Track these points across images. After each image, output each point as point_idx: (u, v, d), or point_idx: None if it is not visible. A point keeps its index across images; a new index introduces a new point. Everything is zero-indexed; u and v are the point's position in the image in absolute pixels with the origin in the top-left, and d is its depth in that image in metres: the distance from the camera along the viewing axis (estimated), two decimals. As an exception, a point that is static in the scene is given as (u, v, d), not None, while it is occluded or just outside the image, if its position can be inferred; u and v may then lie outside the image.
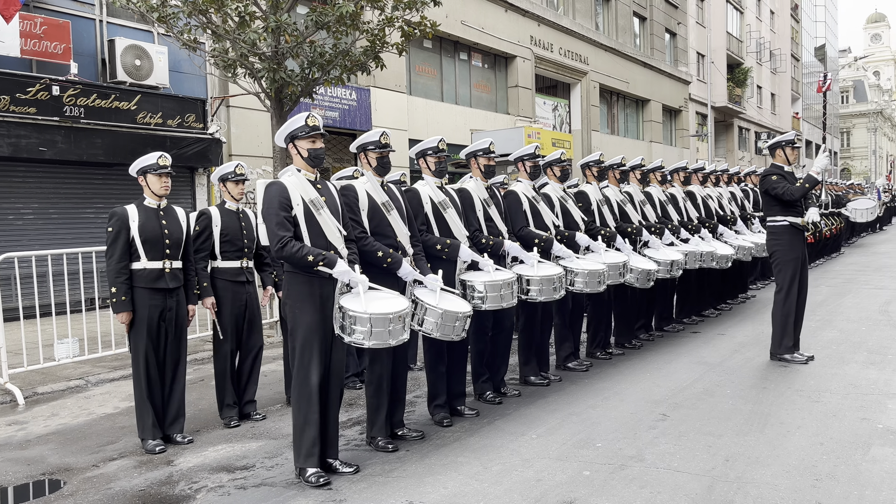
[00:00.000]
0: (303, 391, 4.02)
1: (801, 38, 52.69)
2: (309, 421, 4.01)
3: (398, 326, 4.02)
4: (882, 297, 10.07)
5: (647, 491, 3.74)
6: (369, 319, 3.90)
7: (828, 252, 15.76)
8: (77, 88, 10.47)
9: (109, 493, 4.04)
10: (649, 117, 29.56)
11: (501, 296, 4.91)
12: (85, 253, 7.34)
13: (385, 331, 3.96)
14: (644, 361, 6.65)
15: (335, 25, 9.13)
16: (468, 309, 4.53)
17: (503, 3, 20.08)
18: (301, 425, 4.03)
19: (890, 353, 6.62)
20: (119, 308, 4.63)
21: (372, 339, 3.95)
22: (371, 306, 3.94)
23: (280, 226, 3.96)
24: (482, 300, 4.87)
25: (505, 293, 4.94)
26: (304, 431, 4.01)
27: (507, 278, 4.97)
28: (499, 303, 4.92)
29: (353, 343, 4.00)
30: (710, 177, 9.42)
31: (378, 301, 4.04)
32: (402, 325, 4.06)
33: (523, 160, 6.01)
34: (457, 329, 4.43)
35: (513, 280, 5.02)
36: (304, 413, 4.02)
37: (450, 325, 4.38)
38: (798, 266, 6.39)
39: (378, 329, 3.93)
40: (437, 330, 4.37)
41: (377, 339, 3.96)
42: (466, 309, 4.51)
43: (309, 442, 4.00)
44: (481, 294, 4.86)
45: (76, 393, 6.44)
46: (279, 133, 4.24)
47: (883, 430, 4.54)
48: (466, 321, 4.49)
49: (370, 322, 3.91)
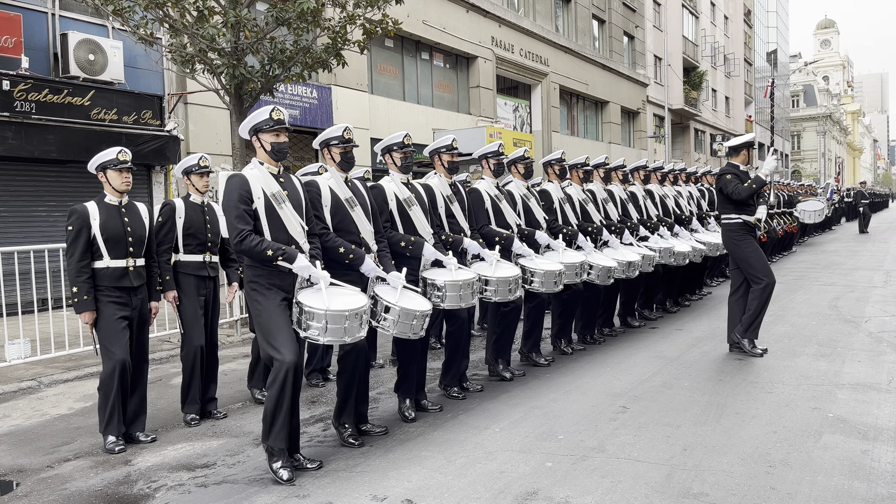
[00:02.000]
0: (278, 374, 3.88)
1: (754, 43, 54.06)
2: (281, 403, 3.88)
3: (355, 324, 3.97)
4: (831, 293, 10.40)
5: (608, 480, 3.80)
6: (325, 316, 3.86)
7: (780, 250, 16.21)
8: (28, 83, 10.18)
9: (65, 494, 3.94)
10: (608, 119, 29.99)
11: (461, 296, 4.93)
12: (37, 252, 7.14)
13: (341, 328, 3.92)
14: (604, 356, 6.75)
15: (296, 22, 9.05)
16: (427, 307, 4.49)
17: (464, 3, 20.16)
18: (272, 409, 3.90)
19: (839, 346, 6.84)
20: (81, 308, 4.52)
21: (327, 336, 3.90)
22: (328, 302, 3.90)
23: (239, 219, 3.91)
24: (441, 299, 4.88)
25: (465, 293, 4.95)
26: (276, 414, 3.90)
27: (468, 278, 4.99)
28: (457, 302, 4.93)
29: (308, 339, 3.94)
30: (668, 176, 9.64)
31: (337, 297, 4.00)
32: (360, 323, 4.01)
33: (487, 158, 6.05)
34: (415, 327, 4.39)
35: (473, 280, 5.04)
36: (276, 394, 3.88)
37: (407, 324, 4.34)
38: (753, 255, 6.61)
39: (334, 326, 3.89)
40: (395, 327, 4.33)
41: (332, 336, 3.91)
42: (425, 307, 4.48)
43: (280, 422, 3.91)
44: (440, 293, 4.87)
45: (28, 394, 6.26)
46: (243, 125, 4.19)
47: (833, 419, 4.69)
48: (425, 320, 4.46)
49: (326, 318, 3.87)
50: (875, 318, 8.22)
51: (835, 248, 18.67)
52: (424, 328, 4.49)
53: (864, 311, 8.77)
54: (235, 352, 7.70)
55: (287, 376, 3.87)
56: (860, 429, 4.48)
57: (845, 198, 31.69)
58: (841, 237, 23.17)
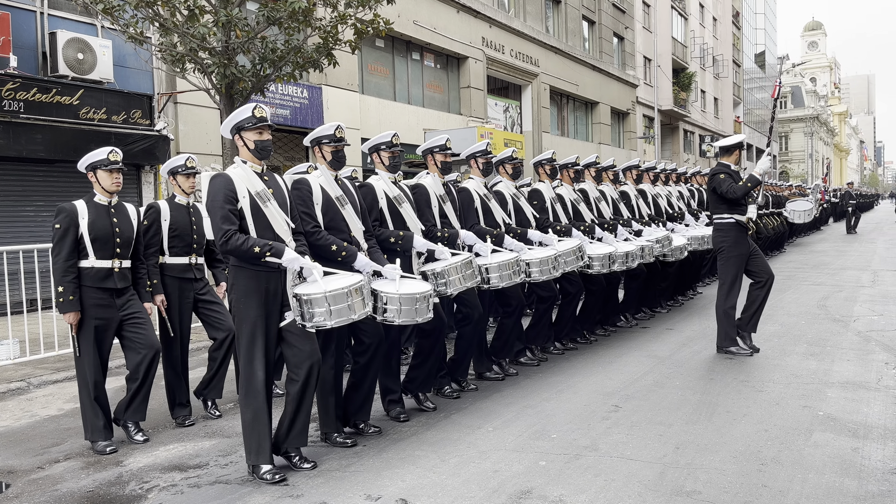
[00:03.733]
0: (249, 387, 3.96)
1: (742, 44, 54.39)
2: (258, 417, 3.94)
3: (357, 300, 3.92)
4: (820, 292, 10.48)
5: (601, 479, 3.81)
6: (325, 298, 3.82)
7: (770, 250, 16.31)
8: (17, 82, 10.10)
9: (56, 495, 3.92)
10: (598, 119, 30.08)
11: (464, 276, 4.92)
12: (26, 251, 7.09)
13: (345, 306, 3.86)
14: (596, 355, 6.78)
15: (287, 21, 9.03)
16: (427, 288, 4.43)
17: (455, 4, 20.17)
18: (250, 422, 3.96)
19: (828, 345, 6.90)
20: (66, 308, 4.46)
21: (333, 318, 3.85)
22: (325, 287, 3.86)
23: (224, 219, 3.87)
24: (446, 285, 4.87)
25: (466, 273, 4.95)
26: (254, 428, 3.95)
27: (465, 258, 4.99)
28: (462, 283, 4.92)
29: (316, 327, 3.89)
30: (660, 175, 9.69)
31: (333, 281, 3.96)
32: (362, 298, 3.96)
33: (476, 157, 6.06)
34: (420, 311, 4.33)
35: (470, 259, 5.04)
36: (252, 409, 3.96)
37: (411, 308, 4.29)
38: (742, 262, 6.62)
39: (337, 306, 3.84)
40: (399, 316, 4.28)
41: (338, 317, 3.86)
42: (425, 288, 4.42)
43: (258, 437, 3.94)
44: (444, 279, 4.86)
45: (18, 395, 6.21)
46: (225, 124, 4.15)
47: (824, 417, 4.73)
48: (428, 301, 4.39)
49: (327, 301, 3.82)
50: (863, 318, 8.29)
51: (823, 249, 18.82)
52: (430, 310, 4.42)
53: (853, 310, 8.85)
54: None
55: (258, 392, 3.95)
56: (850, 427, 4.52)
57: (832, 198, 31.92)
58: (829, 237, 23.35)
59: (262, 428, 3.96)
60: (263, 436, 3.96)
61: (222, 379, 5.33)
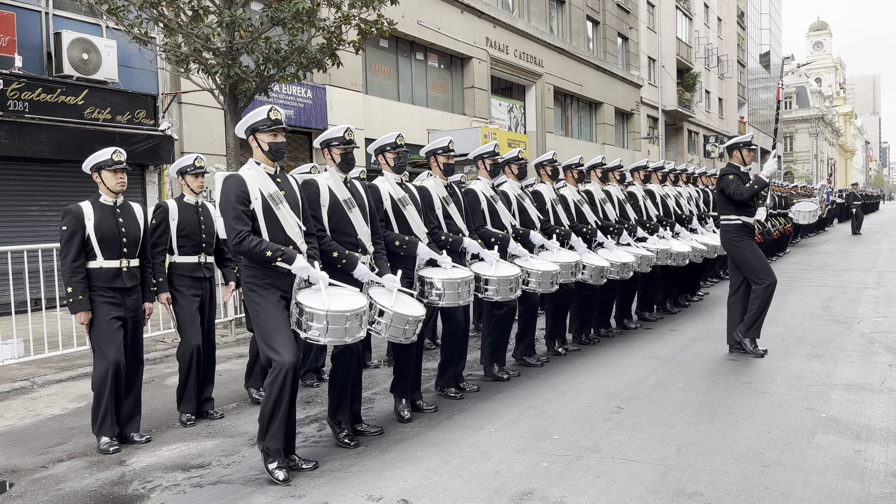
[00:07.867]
0: (277, 375, 3.87)
1: (747, 44, 54.27)
2: (280, 403, 3.87)
3: (355, 324, 3.98)
4: (824, 294, 10.45)
5: (603, 480, 3.81)
6: (325, 316, 3.86)
7: (775, 251, 16.27)
8: (21, 82, 10.13)
9: (59, 494, 3.93)
10: (602, 120, 30.05)
11: (458, 293, 4.94)
12: (30, 251, 7.11)
13: (342, 328, 3.92)
14: (598, 356, 6.77)
15: (291, 22, 9.05)
16: (420, 313, 4.45)
17: (459, 4, 20.17)
18: (270, 409, 3.89)
19: (832, 347, 6.88)
20: (76, 308, 4.50)
21: (328, 336, 3.91)
22: (329, 303, 3.90)
23: (237, 220, 3.90)
24: (439, 297, 4.89)
25: (462, 291, 4.97)
26: (274, 414, 3.89)
27: (465, 276, 5.00)
28: (455, 300, 4.95)
29: (308, 339, 3.93)
30: (668, 176, 9.65)
31: (336, 298, 4.00)
32: (360, 323, 4.02)
33: (483, 158, 6.06)
34: (407, 332, 4.36)
35: (470, 278, 5.05)
36: (275, 395, 3.87)
37: (400, 328, 4.32)
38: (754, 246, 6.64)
39: (335, 326, 3.90)
40: (387, 331, 4.30)
41: (333, 336, 3.92)
42: (418, 313, 4.43)
43: (278, 423, 3.90)
44: (439, 291, 4.88)
45: (22, 394, 6.24)
46: (240, 125, 4.18)
47: (826, 419, 4.72)
48: (417, 325, 4.42)
49: (327, 319, 3.87)
50: (867, 319, 8.27)
51: (827, 250, 18.77)
52: (416, 333, 4.47)
53: (857, 311, 8.82)
54: (230, 352, 7.68)
55: (286, 377, 3.86)
56: (853, 429, 4.51)
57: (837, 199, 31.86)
58: (833, 238, 23.28)
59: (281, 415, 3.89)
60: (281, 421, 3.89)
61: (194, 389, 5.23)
